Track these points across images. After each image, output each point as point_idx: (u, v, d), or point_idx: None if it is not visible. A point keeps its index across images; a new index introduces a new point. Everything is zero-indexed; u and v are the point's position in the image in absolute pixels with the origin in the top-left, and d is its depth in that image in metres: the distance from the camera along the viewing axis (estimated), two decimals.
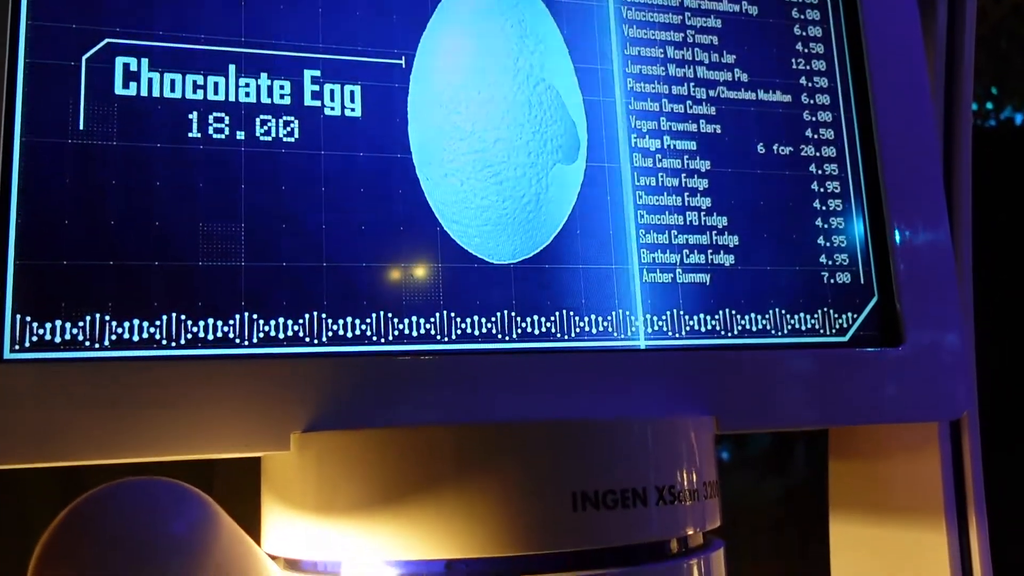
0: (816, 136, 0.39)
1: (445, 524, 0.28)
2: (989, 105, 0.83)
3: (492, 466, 0.28)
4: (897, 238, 0.39)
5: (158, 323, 0.31)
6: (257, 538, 0.31)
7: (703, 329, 0.36)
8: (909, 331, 0.38)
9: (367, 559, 0.29)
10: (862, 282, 0.38)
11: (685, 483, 0.31)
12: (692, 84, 0.38)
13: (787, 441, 0.69)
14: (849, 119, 0.40)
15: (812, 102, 0.40)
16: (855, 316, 0.38)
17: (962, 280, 0.41)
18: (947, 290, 0.39)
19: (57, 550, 0.24)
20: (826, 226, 0.39)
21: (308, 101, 0.33)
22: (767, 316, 0.37)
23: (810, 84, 0.40)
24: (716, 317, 0.36)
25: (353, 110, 0.34)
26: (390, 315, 0.33)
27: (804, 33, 0.40)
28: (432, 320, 0.33)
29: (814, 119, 0.40)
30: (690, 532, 0.31)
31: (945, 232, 0.40)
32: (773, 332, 0.37)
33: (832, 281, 0.38)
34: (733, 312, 0.36)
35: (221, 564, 0.25)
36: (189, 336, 0.31)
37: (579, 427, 0.29)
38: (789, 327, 0.37)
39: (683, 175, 0.37)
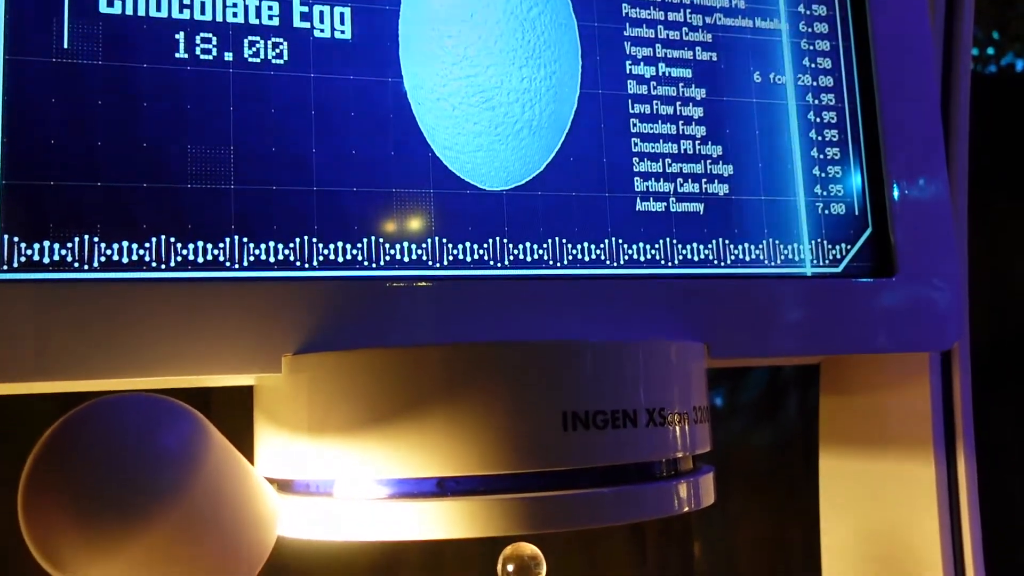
0: (813, 65, 0.39)
1: (436, 443, 0.28)
2: (990, 51, 0.82)
3: (483, 385, 0.28)
4: (893, 169, 0.38)
5: (147, 245, 0.30)
6: (250, 462, 0.31)
7: (696, 259, 0.36)
8: (902, 262, 0.37)
9: (359, 478, 0.29)
10: (856, 213, 0.38)
11: (676, 406, 0.31)
12: (688, 10, 0.37)
13: (779, 389, 0.70)
14: (847, 49, 0.39)
15: (810, 30, 0.39)
16: (849, 247, 0.38)
17: (957, 214, 0.41)
18: (941, 223, 0.39)
19: (47, 463, 0.24)
20: (821, 157, 0.38)
21: (297, 22, 0.33)
22: (760, 246, 0.37)
23: (808, 12, 0.39)
24: (709, 247, 0.36)
25: (343, 32, 0.33)
26: (381, 240, 0.33)
27: None
28: (423, 246, 0.33)
29: (812, 48, 0.39)
30: (680, 455, 0.31)
31: (941, 166, 0.40)
32: (766, 262, 0.37)
33: (826, 212, 0.38)
34: (726, 242, 0.36)
35: (212, 478, 0.26)
36: (179, 259, 0.31)
37: (570, 348, 0.29)
38: (782, 257, 0.37)
39: (678, 103, 0.37)
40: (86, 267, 0.30)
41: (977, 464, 0.40)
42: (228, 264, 0.31)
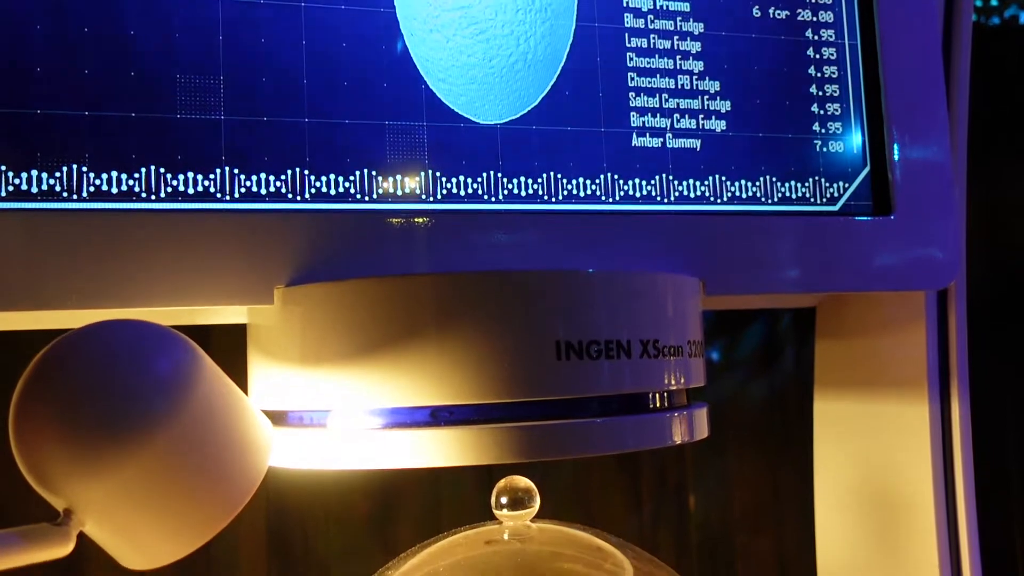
0: (814, 1, 0.38)
1: (430, 371, 0.28)
2: (994, 2, 0.81)
3: (476, 314, 0.28)
4: (892, 108, 0.38)
5: (137, 176, 0.30)
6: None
7: (692, 195, 0.36)
8: (900, 201, 0.37)
9: (353, 408, 0.29)
10: (855, 151, 0.38)
11: (670, 338, 0.31)
12: None
13: (775, 344, 0.70)
14: None
15: None
16: (846, 185, 0.37)
17: (956, 156, 0.40)
18: (940, 162, 0.38)
19: (38, 386, 0.24)
20: (820, 94, 0.38)
21: None
22: (757, 183, 0.36)
23: None
24: (706, 183, 0.36)
25: None
26: (374, 173, 0.32)
27: None
28: (417, 179, 0.33)
29: None
30: (673, 387, 0.31)
31: (941, 106, 0.39)
32: (763, 200, 0.36)
33: (825, 150, 0.37)
34: (723, 178, 0.36)
35: (204, 403, 0.25)
36: (169, 190, 0.30)
37: (564, 277, 0.29)
38: (779, 195, 0.37)
39: (675, 37, 0.36)
40: (75, 197, 0.29)
41: (971, 406, 0.40)
42: (219, 195, 0.31)
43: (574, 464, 0.63)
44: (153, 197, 0.30)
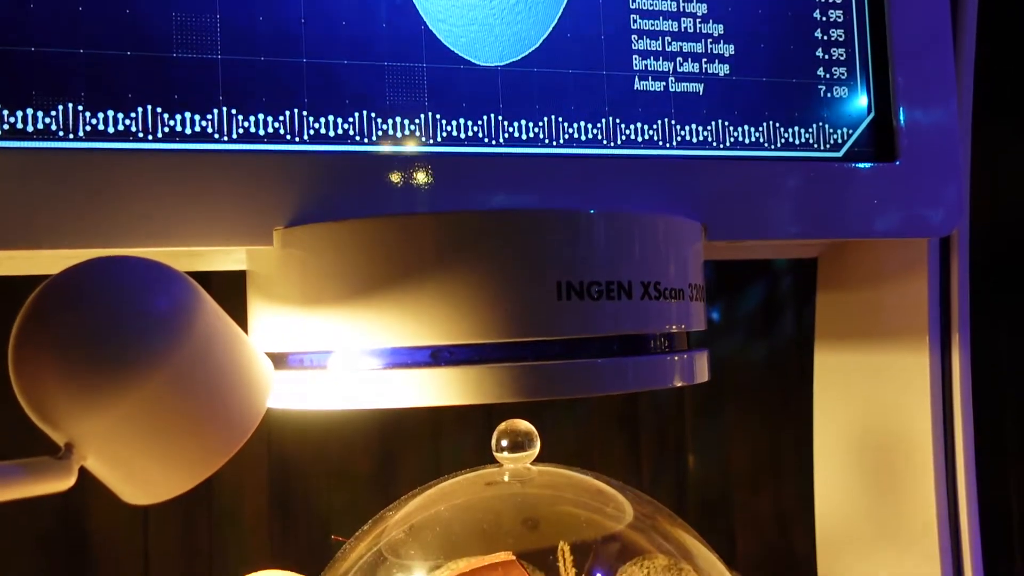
0: None
1: (430, 312, 0.28)
2: None
3: (478, 253, 0.28)
4: (898, 54, 0.37)
5: (133, 115, 0.30)
6: None
7: (695, 140, 0.35)
8: (904, 147, 0.37)
9: (353, 349, 0.29)
10: (859, 97, 0.37)
11: (671, 281, 0.30)
12: None
13: (775, 304, 0.70)
14: None
15: None
16: (850, 131, 0.37)
17: (961, 101, 0.40)
18: (945, 109, 0.38)
19: (37, 319, 0.24)
20: (825, 39, 0.37)
21: None
22: (760, 129, 0.36)
23: None
24: (708, 128, 0.35)
25: None
26: (373, 115, 0.32)
27: None
28: (416, 121, 0.32)
29: None
30: (674, 329, 0.31)
31: (947, 54, 0.39)
32: (766, 145, 0.36)
33: (829, 95, 0.37)
34: (726, 123, 0.36)
35: (203, 340, 0.25)
36: (166, 130, 0.30)
37: (566, 217, 0.29)
38: (783, 141, 0.36)
39: None
40: (71, 136, 0.29)
41: (970, 355, 0.40)
42: (217, 136, 0.30)
43: (574, 423, 0.64)
44: (150, 137, 0.30)
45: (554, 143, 0.34)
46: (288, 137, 0.31)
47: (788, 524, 0.69)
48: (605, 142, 0.34)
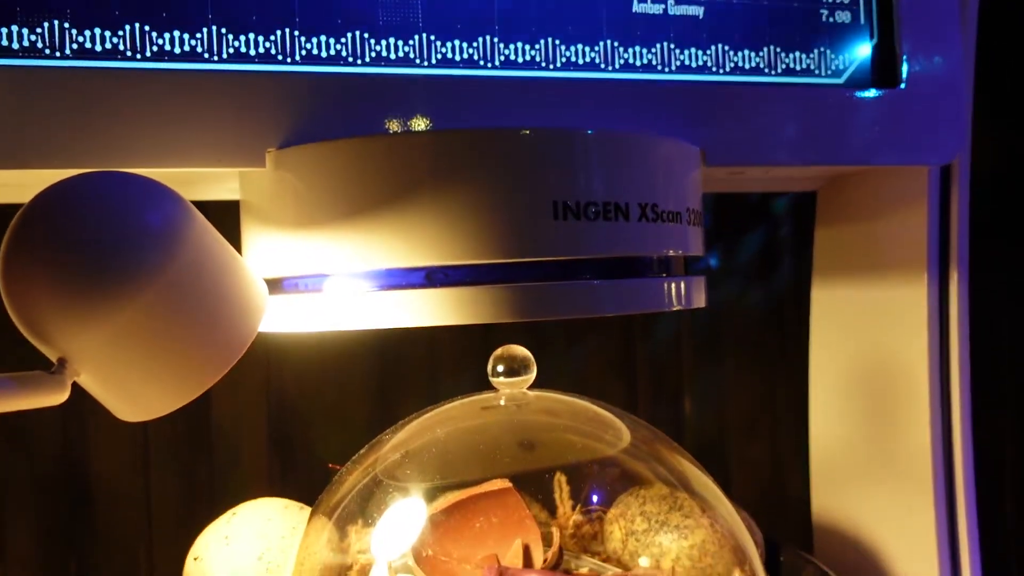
0: None
1: (425, 232, 0.28)
2: None
3: (473, 172, 0.28)
4: None
5: (121, 33, 0.29)
6: None
7: (694, 64, 0.35)
8: (907, 73, 0.36)
9: (347, 271, 0.29)
10: (862, 22, 0.37)
11: (668, 203, 0.30)
12: None
13: (774, 251, 0.69)
14: None
15: None
16: (852, 57, 0.36)
17: (965, 27, 0.39)
18: (949, 35, 0.37)
19: (27, 233, 0.24)
20: None
21: None
22: (761, 54, 0.35)
23: None
24: (708, 52, 0.35)
25: None
26: (366, 35, 0.31)
27: None
28: (411, 43, 0.32)
29: None
30: (671, 253, 0.31)
31: None
32: (766, 71, 0.35)
33: (831, 20, 0.36)
34: (726, 48, 0.35)
35: (195, 257, 0.25)
36: (155, 48, 0.29)
37: (563, 136, 0.29)
38: (783, 66, 0.36)
39: None
40: (58, 54, 0.29)
41: (968, 287, 0.40)
42: (207, 56, 0.30)
43: (570, 371, 0.64)
44: (139, 56, 0.29)
45: (551, 66, 0.33)
46: (280, 57, 0.30)
47: (783, 467, 0.70)
48: (603, 66, 0.33)
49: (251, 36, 0.30)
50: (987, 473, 0.53)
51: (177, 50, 0.30)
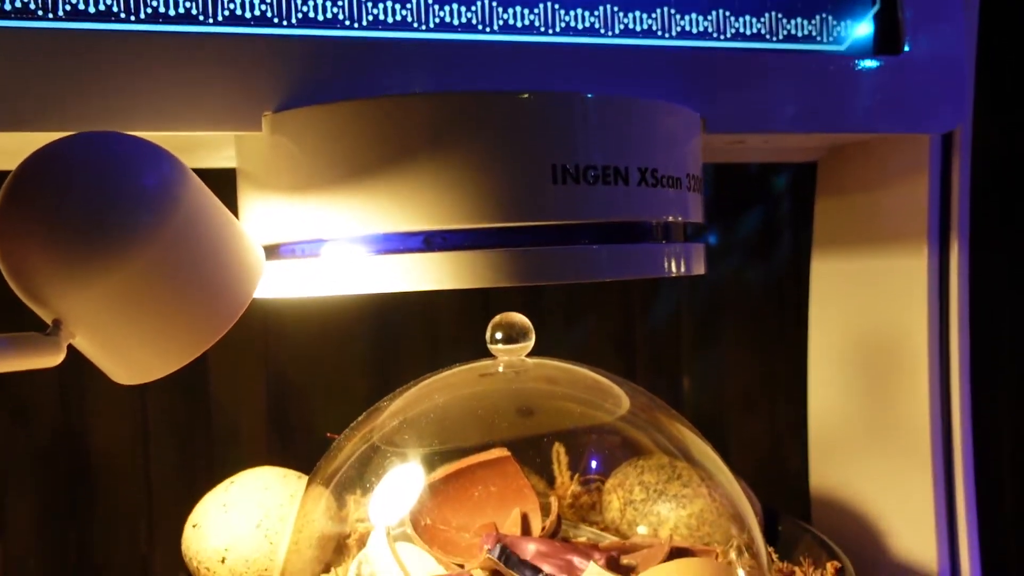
0: None
1: (423, 195, 0.27)
2: None
3: (471, 134, 0.27)
4: None
5: None
6: None
7: (694, 30, 0.34)
8: (909, 41, 0.36)
9: (345, 236, 0.29)
10: None
11: (669, 168, 0.30)
12: None
13: (773, 231, 0.69)
14: None
15: None
16: (854, 23, 0.36)
17: None
18: (951, 2, 0.37)
19: (22, 192, 0.24)
20: None
21: None
22: (762, 20, 0.35)
23: None
24: (708, 18, 0.34)
25: None
26: None
27: None
28: (408, 6, 0.31)
29: None
30: (671, 219, 0.30)
31: None
32: (767, 37, 0.35)
33: None
34: (727, 13, 0.35)
35: (190, 220, 0.25)
36: (149, 10, 0.29)
37: (563, 99, 0.28)
38: (784, 32, 0.35)
39: None
40: (51, 16, 0.28)
41: (968, 257, 0.40)
42: (201, 18, 0.29)
43: (569, 347, 0.64)
44: (132, 18, 0.29)
45: (550, 31, 0.33)
46: (276, 20, 0.30)
47: (782, 442, 0.70)
48: (602, 31, 0.33)
49: None
50: (985, 444, 0.53)
51: (172, 12, 0.29)
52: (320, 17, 0.30)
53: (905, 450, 0.43)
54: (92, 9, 0.29)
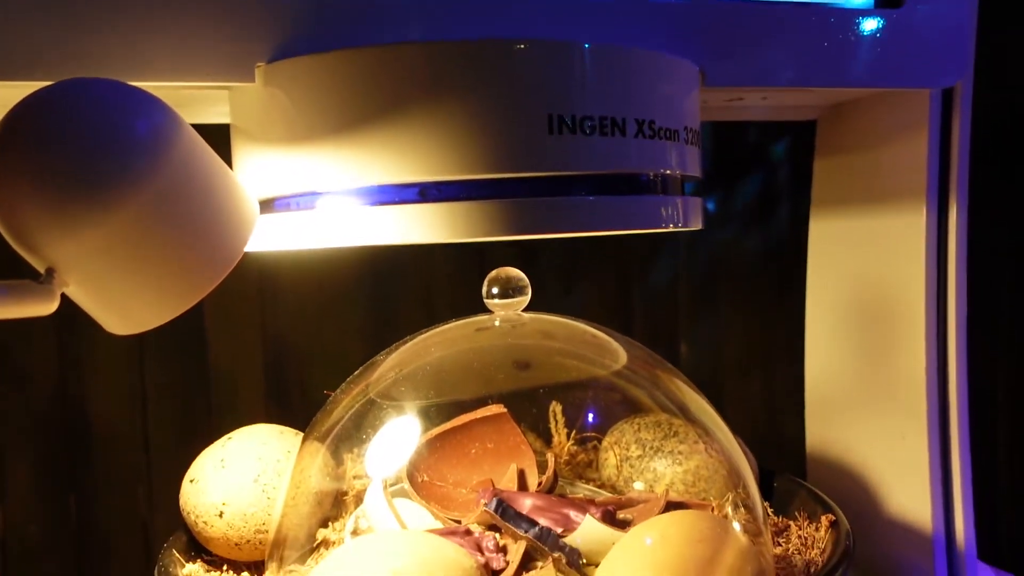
0: None
1: (417, 146, 0.27)
2: None
3: (466, 84, 0.27)
4: None
5: None
6: None
7: None
8: None
9: (340, 188, 0.28)
10: None
11: (667, 121, 0.30)
12: None
13: (771, 197, 0.69)
14: None
15: None
16: None
17: None
18: None
19: (12, 137, 0.23)
20: None
21: None
22: None
23: None
24: None
25: None
26: None
27: None
28: None
29: None
30: (668, 171, 0.30)
31: None
32: None
33: None
34: None
35: (183, 168, 0.25)
36: None
37: (559, 48, 0.28)
38: None
39: None
40: None
41: (967, 216, 0.40)
42: None
43: (566, 311, 0.64)
44: None
45: None
46: None
47: (779, 404, 0.70)
48: None
49: None
50: (981, 402, 0.53)
51: None
52: None
53: (901, 410, 0.43)
54: None
